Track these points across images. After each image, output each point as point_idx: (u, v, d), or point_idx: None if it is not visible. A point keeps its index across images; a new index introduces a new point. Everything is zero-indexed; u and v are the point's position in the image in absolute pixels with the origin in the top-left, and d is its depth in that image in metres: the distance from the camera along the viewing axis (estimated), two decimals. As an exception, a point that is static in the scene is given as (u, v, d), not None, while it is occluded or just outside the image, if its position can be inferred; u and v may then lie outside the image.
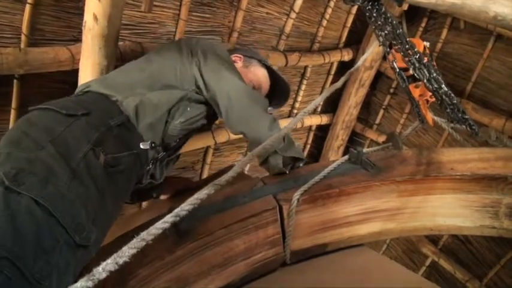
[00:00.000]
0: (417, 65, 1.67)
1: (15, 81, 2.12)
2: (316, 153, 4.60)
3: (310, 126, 4.38)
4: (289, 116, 3.98)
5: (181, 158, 2.60)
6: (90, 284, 0.81)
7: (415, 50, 1.67)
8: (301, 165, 1.91)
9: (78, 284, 0.80)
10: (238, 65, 2.07)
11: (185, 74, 1.85)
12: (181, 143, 1.99)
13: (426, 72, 1.66)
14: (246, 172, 3.64)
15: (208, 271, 1.66)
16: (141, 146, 1.63)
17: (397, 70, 1.80)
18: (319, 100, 1.73)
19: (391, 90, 4.20)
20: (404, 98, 4.08)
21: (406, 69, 1.85)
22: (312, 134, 4.44)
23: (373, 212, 1.88)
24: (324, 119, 4.35)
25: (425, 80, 1.67)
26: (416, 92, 1.92)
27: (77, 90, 1.75)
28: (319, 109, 4.30)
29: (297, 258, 1.87)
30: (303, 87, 3.85)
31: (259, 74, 2.11)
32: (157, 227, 0.98)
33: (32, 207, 1.17)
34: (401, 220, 1.91)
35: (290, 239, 1.79)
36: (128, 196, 1.71)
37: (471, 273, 3.99)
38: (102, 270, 0.84)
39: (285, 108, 3.88)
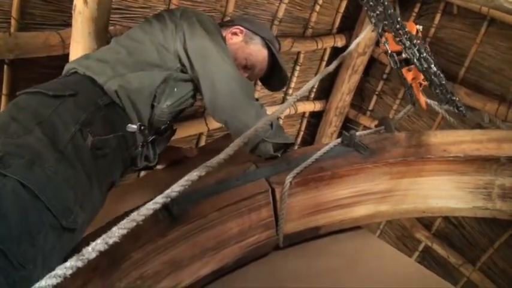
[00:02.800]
0: (408, 44, 1.67)
1: (5, 66, 2.10)
2: (310, 139, 4.59)
3: (304, 113, 4.37)
4: (282, 103, 3.96)
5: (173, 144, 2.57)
6: (79, 263, 0.80)
7: (406, 29, 1.67)
8: (294, 148, 1.89)
9: (68, 263, 0.79)
10: (238, 38, 1.97)
11: (168, 51, 1.74)
12: (171, 123, 1.93)
13: (416, 51, 1.66)
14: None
15: (201, 254, 1.66)
16: (128, 129, 1.57)
17: (389, 52, 1.80)
18: (311, 83, 1.72)
19: (384, 76, 4.19)
20: (397, 84, 4.08)
21: (399, 53, 1.85)
22: (305, 121, 4.43)
23: (366, 195, 1.88)
24: (317, 106, 4.34)
25: (415, 60, 1.67)
26: (409, 76, 1.92)
27: (64, 71, 1.70)
28: (312, 96, 4.28)
29: (290, 241, 1.88)
30: (296, 73, 3.83)
31: (257, 54, 1.99)
32: (148, 208, 0.98)
33: (18, 190, 1.16)
34: (394, 202, 1.92)
35: (283, 222, 1.79)
36: (113, 182, 1.66)
37: (464, 258, 4.01)
38: (91, 250, 0.84)
39: (279, 95, 3.87)
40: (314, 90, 4.24)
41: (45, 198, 1.19)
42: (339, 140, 1.95)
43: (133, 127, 1.57)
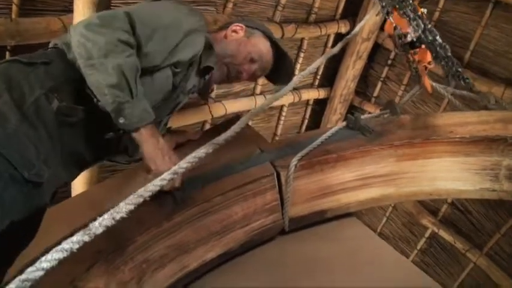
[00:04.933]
0: (412, 16, 1.65)
1: (7, 53, 2.09)
2: (314, 127, 4.58)
3: (308, 101, 4.35)
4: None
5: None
6: (86, 238, 0.80)
7: (410, 1, 1.65)
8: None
9: (74, 237, 0.79)
10: (239, 34, 1.91)
11: None
12: (159, 116, 1.75)
13: (421, 23, 1.64)
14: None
15: (207, 238, 1.65)
16: (100, 106, 1.48)
17: (398, 31, 1.77)
18: (317, 63, 1.69)
19: (389, 62, 4.16)
20: (402, 70, 4.06)
21: (404, 36, 1.84)
22: (309, 109, 4.42)
23: (372, 178, 1.86)
24: (321, 93, 4.32)
25: (420, 31, 1.65)
26: (414, 58, 1.91)
27: (50, 45, 1.67)
28: (316, 83, 4.26)
29: (296, 225, 1.87)
30: (300, 60, 3.81)
31: (260, 46, 1.92)
32: (155, 184, 0.97)
33: None
34: (400, 185, 1.90)
35: (288, 205, 1.78)
36: (84, 159, 1.61)
37: (471, 243, 4.00)
38: (98, 225, 0.83)
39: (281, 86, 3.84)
40: (318, 77, 4.21)
41: (4, 151, 1.21)
42: (344, 123, 1.93)
43: (110, 134, 1.57)
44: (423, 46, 1.85)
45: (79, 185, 2.50)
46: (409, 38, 1.82)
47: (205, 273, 1.70)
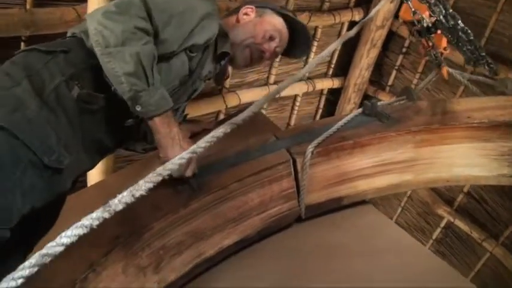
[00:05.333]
0: (433, 1, 1.62)
1: (22, 43, 2.10)
2: (328, 117, 4.56)
3: (322, 90, 4.33)
4: (300, 80, 3.93)
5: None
6: (106, 214, 0.80)
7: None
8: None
9: (94, 214, 0.79)
10: (251, 16, 1.89)
11: None
12: (176, 103, 1.73)
13: (442, 8, 1.62)
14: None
15: (223, 225, 1.65)
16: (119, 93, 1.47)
17: (417, 15, 1.75)
18: (333, 46, 1.67)
19: (404, 50, 4.12)
20: (417, 58, 4.01)
21: (419, 23, 1.82)
22: (323, 98, 4.39)
23: (389, 164, 1.85)
24: (335, 83, 4.29)
25: (441, 17, 1.63)
26: (429, 45, 1.90)
27: (68, 34, 1.67)
28: (330, 72, 4.24)
29: (313, 212, 1.86)
30: (314, 49, 3.79)
31: (275, 22, 1.90)
32: (174, 163, 0.96)
33: None
34: (417, 171, 1.89)
35: (304, 192, 1.77)
36: (104, 148, 1.62)
37: (487, 233, 3.96)
38: (118, 202, 0.83)
39: (295, 72, 3.83)
40: (332, 66, 4.19)
41: (24, 137, 1.21)
42: (360, 109, 1.92)
43: (130, 121, 1.56)
44: (439, 32, 1.84)
45: (95, 175, 2.52)
46: (425, 24, 1.81)
47: (222, 260, 1.71)
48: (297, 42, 1.98)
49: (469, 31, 1.64)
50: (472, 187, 3.98)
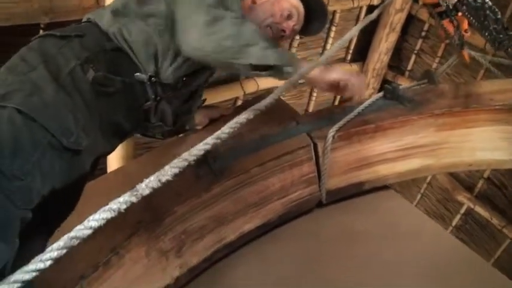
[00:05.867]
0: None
1: (41, 31, 2.10)
2: (347, 103, 4.52)
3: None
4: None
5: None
6: (133, 198, 0.80)
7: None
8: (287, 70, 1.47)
9: (121, 198, 0.79)
10: None
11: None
12: (194, 85, 1.76)
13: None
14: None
15: (245, 210, 1.66)
16: (137, 76, 1.52)
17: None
18: (354, 31, 1.65)
19: (423, 34, 4.06)
20: (436, 42, 3.95)
21: (438, 5, 1.80)
22: (342, 84, 4.35)
23: (411, 148, 1.83)
24: (354, 68, 4.24)
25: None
26: (450, 27, 1.87)
27: (83, 20, 1.68)
28: (348, 57, 4.19)
29: (333, 197, 1.86)
30: (332, 34, 3.74)
31: (291, 0, 1.82)
32: (199, 149, 0.96)
33: (13, 116, 1.20)
34: (440, 156, 1.86)
35: (325, 177, 1.76)
36: (122, 131, 1.61)
37: (507, 219, 3.91)
38: (145, 187, 0.83)
39: (314, 58, 3.80)
40: (350, 52, 4.15)
41: (42, 120, 1.23)
42: (381, 93, 1.90)
43: (142, 76, 1.54)
44: (459, 14, 1.81)
45: (114, 161, 2.53)
46: (450, 4, 1.78)
47: (243, 245, 1.71)
48: (313, 17, 1.95)
49: (497, 10, 1.61)
50: (493, 173, 3.93)
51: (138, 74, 1.51)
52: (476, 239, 4.27)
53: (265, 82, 3.46)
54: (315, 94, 4.14)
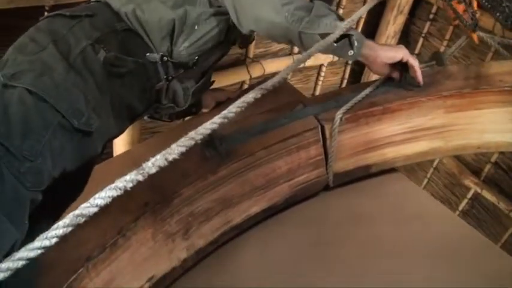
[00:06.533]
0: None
1: (45, 13, 2.08)
2: (353, 88, 4.49)
3: (347, 60, 4.25)
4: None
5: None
6: (140, 177, 0.79)
7: None
8: (355, 43, 1.53)
9: (128, 176, 0.78)
10: None
11: None
12: (206, 65, 1.77)
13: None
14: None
15: (251, 192, 1.65)
16: (148, 56, 1.52)
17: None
18: (364, 10, 1.62)
19: (431, 17, 4.01)
20: (444, 24, 3.91)
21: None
22: (348, 68, 4.32)
23: (419, 130, 1.81)
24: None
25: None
26: (460, 8, 1.84)
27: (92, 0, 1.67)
28: (355, 41, 4.16)
29: (341, 180, 1.85)
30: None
31: None
32: (206, 127, 0.94)
33: (24, 96, 1.19)
34: (448, 138, 1.84)
35: (333, 160, 1.75)
36: (134, 113, 1.62)
37: (515, 203, 3.90)
38: (151, 165, 0.82)
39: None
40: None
41: (52, 100, 1.22)
42: (390, 75, 1.87)
43: (153, 56, 1.52)
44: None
45: (121, 145, 2.52)
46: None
47: (250, 228, 1.71)
48: None
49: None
50: (500, 157, 3.91)
51: (149, 54, 1.51)
52: (483, 224, 4.25)
53: (272, 66, 3.45)
54: (321, 78, 4.11)
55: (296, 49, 3.66)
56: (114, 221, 1.34)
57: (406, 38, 4.24)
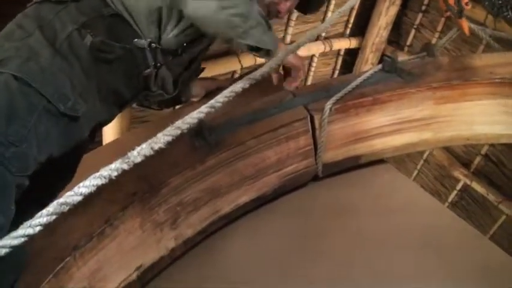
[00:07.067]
0: None
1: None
2: (345, 79, 4.49)
3: (339, 51, 4.24)
4: (317, 40, 3.86)
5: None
6: (125, 166, 0.79)
7: None
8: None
9: (113, 165, 0.78)
10: None
11: None
12: (194, 51, 1.74)
13: None
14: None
15: (240, 182, 1.64)
16: (136, 42, 1.50)
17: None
18: (353, 1, 1.61)
19: (423, 8, 4.01)
20: (436, 16, 3.91)
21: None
22: (340, 59, 4.31)
23: (409, 122, 1.82)
24: (352, 43, 4.20)
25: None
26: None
27: None
28: (347, 32, 4.15)
29: (330, 171, 1.85)
30: (331, 7, 3.70)
31: None
32: (193, 117, 0.94)
33: (9, 82, 1.19)
34: (437, 129, 1.85)
35: (322, 150, 1.75)
36: (122, 99, 1.61)
37: (504, 195, 3.92)
38: (137, 154, 0.81)
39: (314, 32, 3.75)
40: (349, 26, 4.10)
41: (38, 85, 1.21)
42: (380, 66, 1.88)
43: (141, 42, 1.51)
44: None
45: (110, 134, 2.51)
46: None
47: (239, 218, 1.70)
48: None
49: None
50: (490, 150, 3.93)
51: (137, 40, 1.49)
52: (472, 215, 4.28)
53: (263, 56, 3.43)
54: (313, 69, 4.11)
55: (288, 39, 3.66)
56: (102, 210, 1.33)
57: (398, 29, 4.24)
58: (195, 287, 1.52)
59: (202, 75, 2.02)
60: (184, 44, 1.61)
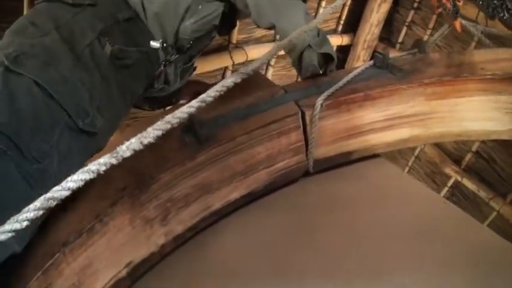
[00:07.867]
0: None
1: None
2: (337, 75, 4.49)
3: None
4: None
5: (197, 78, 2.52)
6: (113, 160, 0.77)
7: None
8: (333, 69, 1.83)
9: (102, 159, 0.76)
10: None
11: None
12: (196, 50, 1.84)
13: None
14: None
15: (230, 178, 1.63)
16: (152, 44, 1.54)
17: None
18: (343, -3, 1.62)
19: (415, 5, 4.02)
20: (428, 13, 3.92)
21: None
22: (332, 56, 4.32)
23: (400, 118, 1.81)
24: (344, 39, 4.21)
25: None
26: (444, -4, 1.84)
27: None
28: (339, 29, 4.15)
29: (321, 167, 1.84)
30: (323, 4, 3.70)
31: None
32: (183, 111, 0.93)
33: (32, 89, 1.16)
34: (428, 126, 1.85)
35: (313, 146, 1.74)
36: (136, 98, 1.62)
37: (495, 191, 3.94)
38: (126, 149, 0.80)
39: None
40: (341, 23, 4.10)
41: (59, 97, 1.19)
42: (371, 62, 1.87)
43: (155, 44, 1.53)
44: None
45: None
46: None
47: (230, 214, 1.70)
48: None
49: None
50: (481, 146, 3.95)
51: (152, 42, 1.54)
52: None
53: (255, 52, 3.44)
54: (305, 65, 4.10)
55: (278, 36, 3.66)
56: (92, 206, 1.32)
57: (389, 26, 4.25)
58: (186, 283, 1.51)
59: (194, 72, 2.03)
60: (191, 42, 1.64)
